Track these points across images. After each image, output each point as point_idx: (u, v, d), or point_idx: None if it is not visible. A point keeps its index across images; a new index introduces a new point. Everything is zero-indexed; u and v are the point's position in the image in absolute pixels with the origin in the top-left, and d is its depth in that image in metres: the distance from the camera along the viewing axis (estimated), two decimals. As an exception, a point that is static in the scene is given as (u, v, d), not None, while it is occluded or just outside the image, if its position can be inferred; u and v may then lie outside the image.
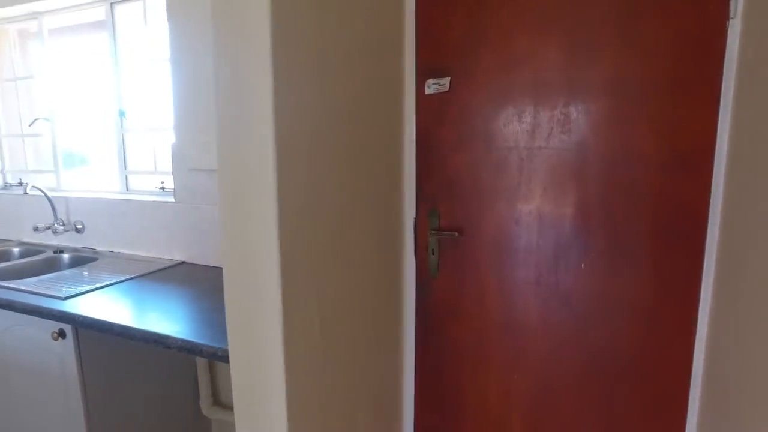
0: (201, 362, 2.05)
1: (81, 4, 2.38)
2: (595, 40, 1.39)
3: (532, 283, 1.57)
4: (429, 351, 1.76)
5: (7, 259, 2.44)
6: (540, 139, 1.50)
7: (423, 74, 1.63)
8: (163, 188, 2.27)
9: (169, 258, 2.15)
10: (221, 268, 2.05)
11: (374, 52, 1.44)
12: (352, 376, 1.43)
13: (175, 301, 1.64)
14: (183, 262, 2.11)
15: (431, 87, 1.62)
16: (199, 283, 1.84)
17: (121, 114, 2.37)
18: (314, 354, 1.20)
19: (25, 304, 1.63)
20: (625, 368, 1.49)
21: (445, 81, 1.60)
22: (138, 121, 2.37)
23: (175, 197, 2.10)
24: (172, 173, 2.09)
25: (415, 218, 1.69)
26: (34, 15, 2.56)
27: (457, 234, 1.63)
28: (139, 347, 1.79)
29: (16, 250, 2.49)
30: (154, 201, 2.17)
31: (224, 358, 1.27)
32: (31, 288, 1.76)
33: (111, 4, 2.32)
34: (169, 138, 2.17)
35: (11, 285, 1.80)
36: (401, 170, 1.66)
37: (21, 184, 2.78)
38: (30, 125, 2.79)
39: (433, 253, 1.68)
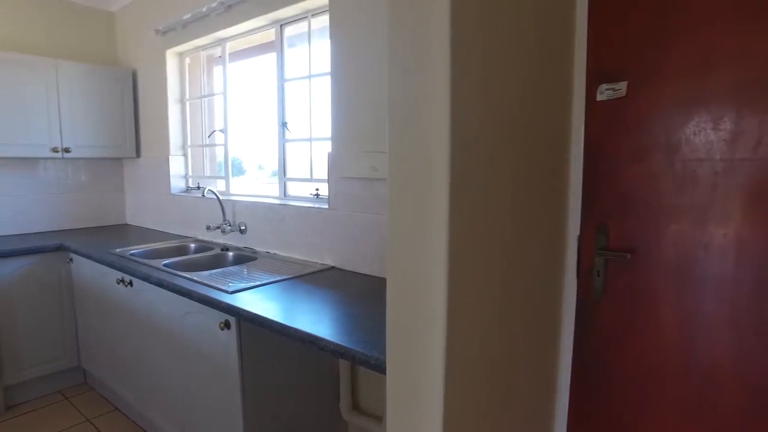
0: (344, 366, 2.09)
1: (256, 28, 2.63)
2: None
3: (725, 318, 1.31)
4: (587, 384, 1.57)
5: (186, 254, 2.77)
6: (744, 150, 1.26)
7: (594, 78, 1.48)
8: (317, 195, 2.40)
9: (321, 262, 2.25)
10: (371, 275, 2.11)
11: (541, 56, 1.34)
12: (507, 398, 1.33)
13: (326, 305, 1.69)
14: (333, 267, 2.19)
15: (604, 93, 1.46)
16: (349, 288, 1.89)
17: (283, 125, 2.56)
18: (473, 374, 1.12)
19: (201, 295, 1.80)
20: None
21: (621, 85, 1.43)
22: (298, 132, 2.54)
23: (329, 204, 2.19)
24: (327, 181, 2.19)
25: (579, 236, 1.53)
26: (219, 41, 2.90)
27: (628, 255, 1.44)
28: (289, 344, 1.88)
29: (192, 245, 2.82)
30: (309, 207, 2.30)
31: (376, 366, 1.25)
32: (204, 280, 1.95)
33: (280, 25, 2.53)
34: (325, 148, 2.28)
35: (190, 276, 2.02)
36: (566, 183, 1.52)
37: (199, 188, 3.16)
38: (209, 136, 3.17)
39: (598, 275, 1.50)
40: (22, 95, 2.91)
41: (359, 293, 1.82)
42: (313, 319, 1.54)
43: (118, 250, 2.60)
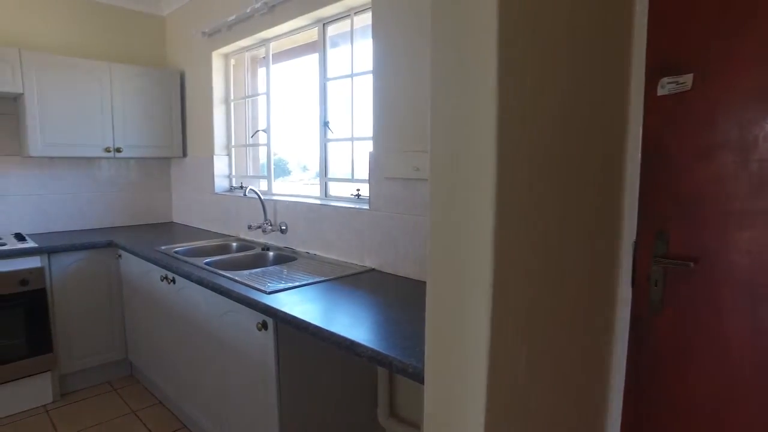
0: (382, 371, 2.04)
1: (299, 27, 2.62)
2: None
3: (807, 339, 1.18)
4: (642, 406, 1.45)
5: (227, 252, 2.79)
6: (832, 149, 1.12)
7: (655, 72, 1.36)
8: (358, 195, 2.36)
9: (360, 264, 2.21)
10: (411, 278, 2.05)
11: (594, 49, 1.24)
12: (551, 418, 1.24)
13: (364, 308, 1.65)
14: (373, 269, 2.14)
15: (666, 87, 1.35)
16: (388, 292, 1.83)
17: (325, 125, 2.54)
18: (516, 390, 1.05)
19: (240, 294, 1.80)
20: None
21: (686, 79, 1.31)
22: (340, 132, 2.52)
23: (369, 205, 2.15)
24: (368, 181, 2.15)
25: (635, 241, 1.42)
26: (263, 42, 2.91)
27: (692, 264, 1.32)
28: (327, 346, 1.84)
29: (234, 244, 2.84)
30: (349, 208, 2.26)
31: (414, 375, 1.19)
32: (244, 280, 1.95)
33: (323, 24, 2.51)
34: (367, 147, 2.24)
35: (230, 275, 2.02)
36: (621, 184, 1.41)
37: (242, 187, 3.19)
38: (252, 136, 3.19)
39: (656, 285, 1.39)
40: (80, 98, 3.03)
41: (399, 297, 1.77)
42: (350, 322, 1.49)
43: (163, 247, 2.66)
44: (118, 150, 3.20)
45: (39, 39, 3.14)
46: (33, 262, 2.68)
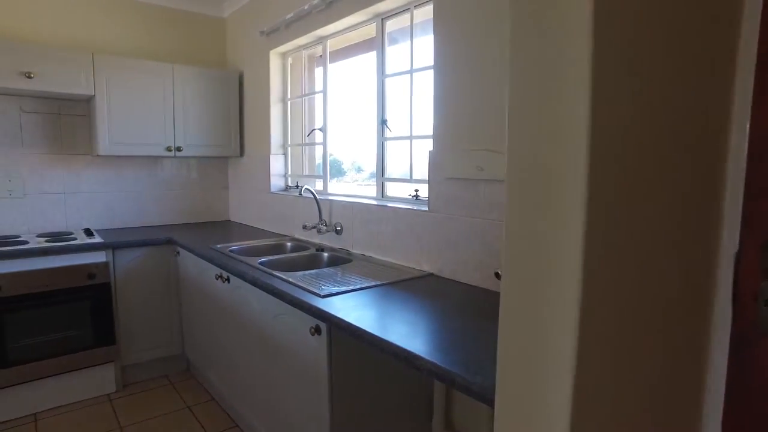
0: (439, 382, 1.93)
1: (357, 23, 2.56)
2: None
3: None
4: (742, 438, 1.26)
5: (282, 252, 2.77)
6: None
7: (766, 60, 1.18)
8: (416, 196, 2.26)
9: (418, 268, 2.11)
10: (472, 285, 1.93)
11: (694, 36, 1.08)
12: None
13: (422, 316, 1.55)
14: (431, 274, 2.04)
15: (779, 74, 1.16)
16: (448, 299, 1.72)
17: (383, 123, 2.46)
18: (603, 418, 0.91)
19: (293, 297, 1.74)
20: None
21: (805, 64, 1.12)
22: (398, 130, 2.43)
23: (429, 206, 2.05)
24: (428, 181, 2.04)
25: (737, 252, 1.24)
26: (320, 39, 2.87)
27: (810, 282, 1.13)
28: (381, 354, 1.76)
29: (288, 244, 2.82)
30: (407, 209, 2.17)
31: (479, 395, 1.08)
32: (297, 281, 1.89)
33: (381, 19, 2.43)
34: (426, 146, 2.14)
35: (283, 276, 1.98)
36: (722, 187, 1.24)
37: (297, 186, 3.17)
38: (308, 135, 3.17)
39: (765, 305, 1.20)
40: (145, 98, 3.11)
41: (459, 305, 1.65)
42: (408, 331, 1.40)
43: (218, 245, 2.67)
44: (179, 149, 3.26)
45: (109, 43, 3.26)
46: (99, 257, 2.76)
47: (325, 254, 2.53)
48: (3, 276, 2.50)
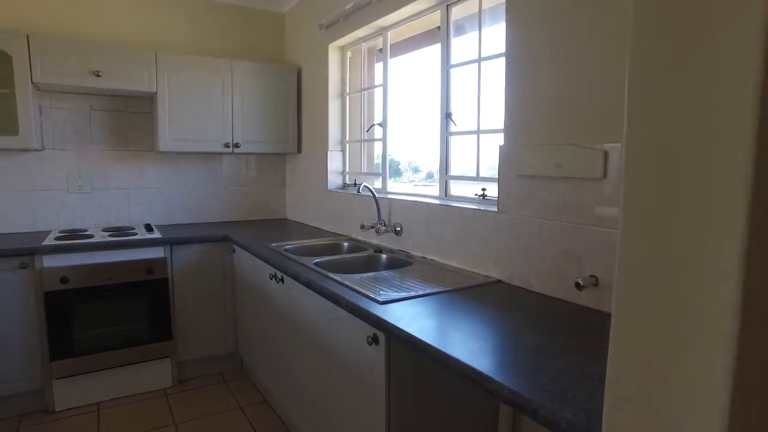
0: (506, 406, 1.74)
1: (420, 11, 2.41)
2: None
3: None
4: None
5: (338, 253, 2.66)
6: None
7: None
8: (483, 196, 2.08)
9: (484, 274, 1.92)
10: (546, 295, 1.69)
11: None
12: None
13: (493, 330, 1.37)
14: (499, 281, 1.85)
15: None
16: (521, 310, 1.53)
17: (447, 116, 2.29)
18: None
19: (348, 302, 1.61)
20: None
21: None
22: (463, 125, 2.25)
23: (498, 207, 1.86)
24: (498, 179, 1.86)
25: None
26: (381, 30, 2.74)
27: None
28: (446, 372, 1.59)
29: (345, 244, 2.71)
30: (473, 209, 1.99)
31: (571, 435, 0.90)
32: (354, 285, 1.76)
33: (447, 5, 2.26)
34: (494, 142, 1.96)
35: (339, 278, 1.85)
36: None
37: (355, 184, 3.05)
38: (367, 131, 3.05)
39: None
40: (204, 94, 3.11)
41: (535, 318, 1.46)
42: (477, 348, 1.23)
43: (273, 244, 2.59)
44: (237, 145, 3.24)
45: (170, 41, 3.29)
46: (157, 252, 2.77)
47: (384, 256, 2.39)
48: (70, 268, 2.55)
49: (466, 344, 1.25)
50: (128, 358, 2.74)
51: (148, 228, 3.07)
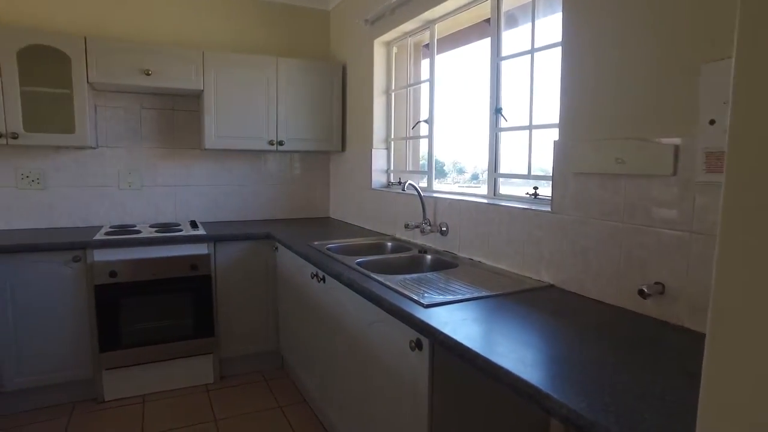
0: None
1: (469, 2, 2.31)
2: None
3: None
4: None
5: (381, 252, 2.59)
6: None
7: None
8: (535, 195, 1.96)
9: (535, 278, 1.81)
10: (604, 302, 1.52)
11: None
12: None
13: (547, 339, 1.26)
14: (552, 286, 1.73)
15: None
16: (577, 318, 1.41)
17: (497, 112, 2.18)
18: None
19: (391, 304, 1.54)
20: None
21: None
22: (513, 121, 2.14)
23: (551, 206, 1.74)
24: (552, 177, 1.73)
25: None
26: (427, 24, 2.66)
27: None
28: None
29: (389, 244, 2.63)
30: (524, 209, 1.87)
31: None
32: (397, 287, 1.69)
33: (498, -5, 2.15)
34: (548, 138, 1.84)
35: (381, 279, 1.78)
36: None
37: (400, 183, 2.98)
38: (413, 128, 2.96)
39: None
40: (249, 92, 3.11)
41: (593, 327, 1.34)
42: (530, 358, 1.12)
43: (315, 243, 2.55)
44: (281, 143, 3.23)
45: (216, 39, 3.32)
46: (201, 249, 2.79)
47: (429, 257, 2.30)
48: (118, 263, 2.60)
49: (518, 354, 1.15)
50: (172, 353, 2.77)
51: (193, 225, 3.10)
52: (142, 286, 2.66)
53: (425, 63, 2.94)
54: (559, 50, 1.71)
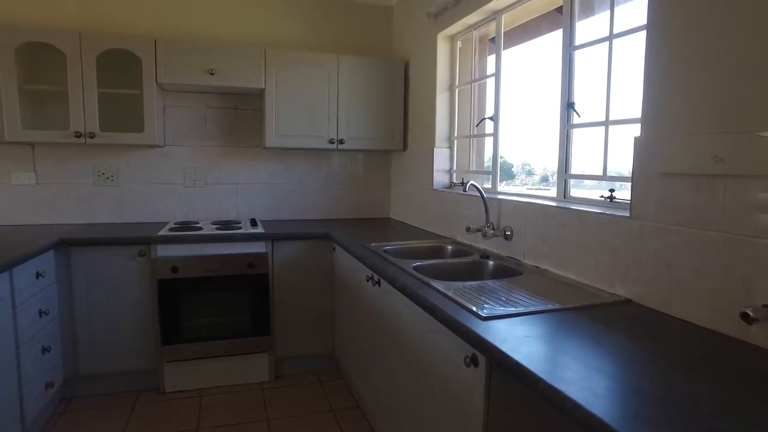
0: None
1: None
2: None
3: None
4: None
5: (440, 256, 2.47)
6: None
7: None
8: (611, 198, 1.75)
9: (609, 291, 1.61)
10: (692, 323, 1.30)
11: None
12: None
13: (623, 366, 1.08)
14: (629, 301, 1.53)
15: None
16: (662, 342, 1.22)
17: (570, 106, 1.99)
18: None
19: (445, 314, 1.41)
20: None
21: None
22: (586, 116, 1.94)
23: (631, 211, 1.53)
24: (632, 179, 1.53)
25: None
26: (493, 15, 2.50)
27: None
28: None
29: (449, 248, 2.50)
30: (598, 214, 1.67)
31: None
32: (454, 295, 1.55)
33: (574, -20, 1.96)
34: (626, 135, 1.63)
35: (438, 286, 1.66)
36: None
37: (462, 183, 2.83)
38: (476, 125, 2.81)
39: None
40: (309, 90, 3.09)
41: (681, 354, 1.14)
42: (602, 388, 0.96)
43: (372, 244, 2.46)
44: (341, 142, 3.18)
45: (278, 37, 3.33)
46: (259, 247, 2.79)
47: (491, 263, 2.14)
48: (180, 259, 2.65)
49: (588, 382, 0.99)
50: (228, 350, 2.79)
51: (253, 222, 3.12)
52: (201, 282, 2.70)
53: (491, 58, 2.77)
54: (641, 36, 1.51)
